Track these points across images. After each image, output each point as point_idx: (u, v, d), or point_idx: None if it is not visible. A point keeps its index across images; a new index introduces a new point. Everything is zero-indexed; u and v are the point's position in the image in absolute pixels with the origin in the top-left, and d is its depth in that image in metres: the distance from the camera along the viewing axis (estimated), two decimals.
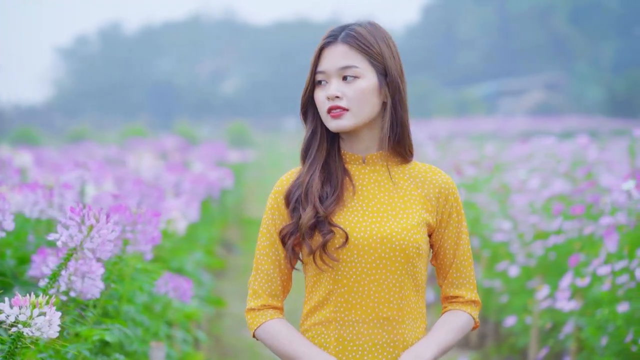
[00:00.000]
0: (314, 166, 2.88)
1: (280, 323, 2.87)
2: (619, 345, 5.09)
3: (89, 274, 3.45)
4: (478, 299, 2.98)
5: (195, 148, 18.96)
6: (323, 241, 2.80)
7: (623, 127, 33.10)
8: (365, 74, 2.83)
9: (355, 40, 2.83)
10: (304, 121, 2.95)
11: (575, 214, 5.96)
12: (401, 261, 2.82)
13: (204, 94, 78.56)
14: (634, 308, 4.94)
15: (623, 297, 5.07)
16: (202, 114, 68.48)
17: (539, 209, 7.35)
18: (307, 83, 2.91)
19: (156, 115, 67.26)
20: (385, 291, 2.83)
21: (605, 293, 5.12)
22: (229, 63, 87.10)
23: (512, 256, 7.46)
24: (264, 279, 2.90)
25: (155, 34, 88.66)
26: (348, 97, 2.82)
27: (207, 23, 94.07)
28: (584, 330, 5.70)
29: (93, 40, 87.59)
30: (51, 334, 2.88)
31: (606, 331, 5.18)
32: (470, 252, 2.97)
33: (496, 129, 27.77)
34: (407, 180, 2.91)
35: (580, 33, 65.10)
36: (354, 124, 2.83)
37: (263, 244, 2.91)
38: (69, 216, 3.24)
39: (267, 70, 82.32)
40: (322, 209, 2.81)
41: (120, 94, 76.21)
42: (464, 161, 10.51)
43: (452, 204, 2.92)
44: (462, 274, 2.95)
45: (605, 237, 5.28)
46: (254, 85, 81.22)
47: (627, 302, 4.91)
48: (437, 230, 2.92)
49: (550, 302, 5.88)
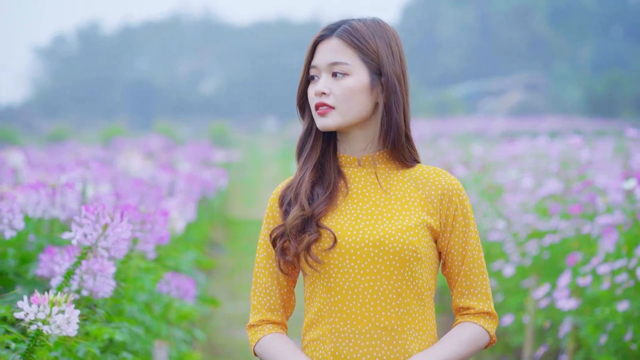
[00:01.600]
0: (307, 165, 2.75)
1: (276, 338, 2.72)
2: (618, 343, 5.12)
3: (101, 272, 3.44)
4: (493, 310, 2.74)
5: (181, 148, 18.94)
6: (307, 241, 2.64)
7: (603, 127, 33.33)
8: (356, 72, 2.67)
9: (349, 35, 2.68)
10: (301, 118, 2.81)
11: (573, 214, 5.99)
12: (396, 265, 2.63)
13: (183, 94, 78.42)
14: (633, 307, 4.96)
15: (622, 296, 5.10)
16: (181, 114, 68.36)
17: (532, 208, 7.38)
18: (301, 78, 2.77)
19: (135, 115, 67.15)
20: (382, 299, 2.64)
21: (605, 292, 5.15)
22: (208, 63, 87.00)
23: (506, 255, 7.50)
24: (262, 292, 2.77)
25: (134, 34, 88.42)
26: (335, 94, 2.66)
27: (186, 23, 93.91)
28: (580, 329, 5.73)
29: (71, 39, 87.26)
30: (70, 332, 2.88)
31: (605, 330, 5.20)
32: (482, 260, 2.75)
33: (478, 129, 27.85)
34: (407, 182, 2.73)
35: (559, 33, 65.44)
36: (339, 123, 2.68)
37: (260, 256, 2.78)
38: (83, 215, 3.23)
39: (247, 71, 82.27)
40: (308, 207, 2.67)
41: (99, 93, 76.00)
42: (453, 161, 10.55)
43: (457, 206, 2.71)
44: (472, 283, 2.73)
45: (604, 236, 5.32)
46: (233, 85, 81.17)
47: (627, 301, 4.93)
48: (442, 235, 2.71)
49: (547, 300, 5.91)
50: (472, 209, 2.76)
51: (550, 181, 7.06)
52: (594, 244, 5.99)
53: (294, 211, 2.68)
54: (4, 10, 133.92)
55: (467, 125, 30.53)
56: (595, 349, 5.40)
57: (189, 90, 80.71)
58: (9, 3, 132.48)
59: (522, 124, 33.55)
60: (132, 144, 18.32)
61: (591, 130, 24.57)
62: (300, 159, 2.78)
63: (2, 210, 3.62)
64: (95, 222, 3.25)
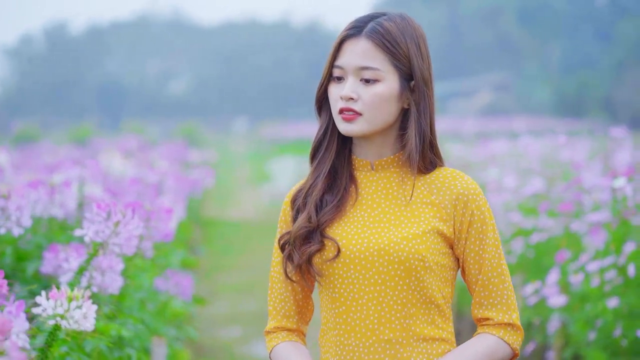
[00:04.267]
0: (320, 169, 2.62)
1: (288, 346, 2.64)
2: (607, 339, 5.20)
3: (110, 269, 3.47)
4: (516, 321, 2.57)
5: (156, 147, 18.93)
6: (307, 253, 2.54)
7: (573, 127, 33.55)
8: (386, 77, 2.52)
9: (381, 37, 2.51)
10: (318, 117, 2.68)
11: (563, 212, 6.07)
12: (401, 275, 2.50)
13: (152, 94, 78.21)
14: (623, 303, 5.05)
15: (610, 292, 5.18)
16: (150, 114, 68.17)
17: (515, 207, 7.46)
18: (323, 76, 2.60)
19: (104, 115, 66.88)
20: (386, 310, 2.51)
21: (594, 289, 5.23)
22: (178, 63, 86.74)
23: None
24: (277, 299, 2.68)
25: (102, 34, 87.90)
26: (364, 100, 2.51)
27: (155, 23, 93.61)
28: (569, 326, 5.81)
29: (39, 40, 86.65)
30: (87, 326, 2.90)
31: (594, 326, 5.28)
32: (502, 268, 2.57)
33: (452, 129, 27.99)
34: (421, 187, 2.59)
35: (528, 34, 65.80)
36: (366, 130, 2.54)
37: (275, 260, 2.69)
38: (95, 212, 3.26)
39: (216, 71, 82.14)
40: (315, 217, 2.56)
41: (67, 94, 75.54)
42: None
43: (472, 212, 2.55)
44: (491, 293, 2.56)
45: (592, 234, 5.41)
46: (202, 85, 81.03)
47: (617, 298, 5.01)
48: (457, 242, 2.56)
49: (535, 298, 5.98)
50: (491, 214, 2.60)
51: (534, 180, 7.14)
52: (579, 241, 6.09)
53: (300, 220, 2.58)
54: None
55: (440, 126, 30.59)
56: (584, 345, 5.48)
57: (158, 90, 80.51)
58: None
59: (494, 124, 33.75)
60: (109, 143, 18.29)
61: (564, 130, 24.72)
62: (315, 160, 2.65)
63: (10, 208, 3.63)
64: (107, 220, 3.27)
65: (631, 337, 4.93)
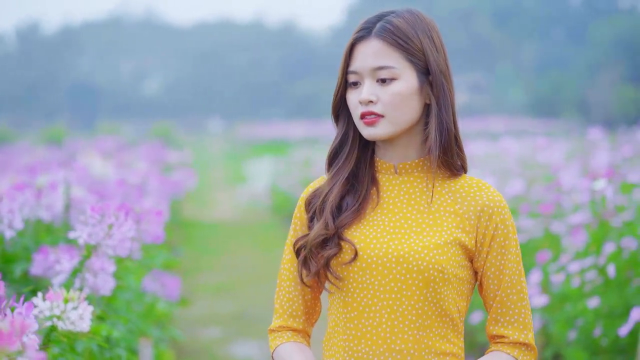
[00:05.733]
0: (339, 176, 2.53)
1: (293, 347, 2.55)
2: (588, 339, 5.27)
3: (103, 270, 3.50)
4: (531, 341, 2.48)
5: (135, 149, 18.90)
6: (326, 256, 2.45)
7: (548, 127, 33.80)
8: (403, 75, 2.42)
9: (392, 34, 2.42)
10: (335, 124, 2.57)
11: (544, 213, 6.14)
12: (419, 285, 2.40)
13: (125, 94, 77.99)
14: (603, 303, 5.12)
15: (591, 292, 5.25)
16: (123, 114, 67.97)
17: None
18: (338, 83, 2.51)
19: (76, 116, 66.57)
20: (400, 320, 2.42)
21: (575, 289, 5.30)
22: (151, 63, 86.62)
23: None
24: (286, 297, 2.60)
25: (74, 34, 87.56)
26: (383, 101, 2.42)
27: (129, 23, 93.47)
28: (548, 325, 5.88)
29: (10, 39, 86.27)
30: (83, 327, 2.94)
31: (575, 326, 5.35)
32: (522, 285, 2.48)
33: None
34: (446, 194, 2.49)
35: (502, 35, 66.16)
36: (391, 131, 2.44)
37: (286, 257, 2.61)
38: (89, 214, 3.29)
39: (190, 71, 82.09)
40: (332, 224, 2.47)
41: (38, 94, 75.12)
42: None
43: (496, 225, 2.44)
44: (508, 310, 2.47)
45: (573, 235, 5.48)
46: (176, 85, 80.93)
47: (597, 298, 5.08)
48: (478, 255, 2.46)
49: None
50: (514, 229, 2.50)
51: (514, 182, 7.22)
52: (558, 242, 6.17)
53: (317, 227, 2.48)
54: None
55: None
56: (565, 345, 5.55)
57: (131, 90, 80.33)
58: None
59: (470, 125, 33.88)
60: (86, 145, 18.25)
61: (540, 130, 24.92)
62: (333, 168, 2.56)
63: (2, 210, 3.66)
64: (101, 222, 3.31)
65: (611, 336, 4.99)
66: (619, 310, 5.01)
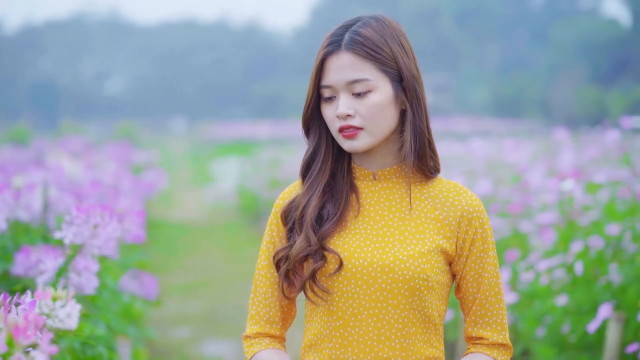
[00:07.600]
0: (314, 187, 2.51)
1: (272, 354, 2.52)
2: (556, 336, 5.37)
3: (86, 270, 3.55)
4: (508, 342, 2.52)
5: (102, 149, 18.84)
6: (312, 270, 2.43)
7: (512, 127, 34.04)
8: (378, 85, 2.41)
9: (362, 46, 2.40)
10: (306, 137, 2.55)
11: (513, 213, 6.24)
12: (405, 294, 2.41)
13: (88, 94, 77.51)
14: (570, 300, 5.22)
15: (559, 290, 5.36)
16: (86, 114, 67.58)
17: None
18: (308, 98, 2.49)
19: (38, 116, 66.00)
20: (386, 328, 2.42)
21: (543, 287, 5.40)
22: (114, 63, 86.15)
23: None
24: (262, 303, 2.56)
25: (36, 33, 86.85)
26: (361, 114, 2.41)
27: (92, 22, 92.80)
28: (517, 323, 5.98)
29: None
30: (71, 325, 3.00)
31: (543, 323, 5.45)
32: (499, 287, 2.51)
33: None
34: (425, 200, 2.49)
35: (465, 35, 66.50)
36: (371, 142, 2.44)
37: (262, 263, 2.57)
38: (74, 215, 3.35)
39: (154, 71, 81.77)
40: (314, 239, 2.44)
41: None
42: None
43: (475, 230, 2.47)
44: (486, 312, 2.50)
45: (542, 234, 5.60)
46: (140, 85, 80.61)
47: (565, 295, 5.19)
48: (458, 259, 2.48)
49: None
50: (492, 233, 2.53)
51: (482, 182, 7.31)
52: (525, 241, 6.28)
53: (299, 243, 2.46)
54: None
55: None
56: (534, 341, 5.65)
57: (94, 90, 79.84)
58: None
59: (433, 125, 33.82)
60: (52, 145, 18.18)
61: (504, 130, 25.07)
62: (307, 181, 2.53)
63: None
64: (86, 222, 3.37)
65: (579, 333, 5.07)
66: (587, 307, 5.09)
